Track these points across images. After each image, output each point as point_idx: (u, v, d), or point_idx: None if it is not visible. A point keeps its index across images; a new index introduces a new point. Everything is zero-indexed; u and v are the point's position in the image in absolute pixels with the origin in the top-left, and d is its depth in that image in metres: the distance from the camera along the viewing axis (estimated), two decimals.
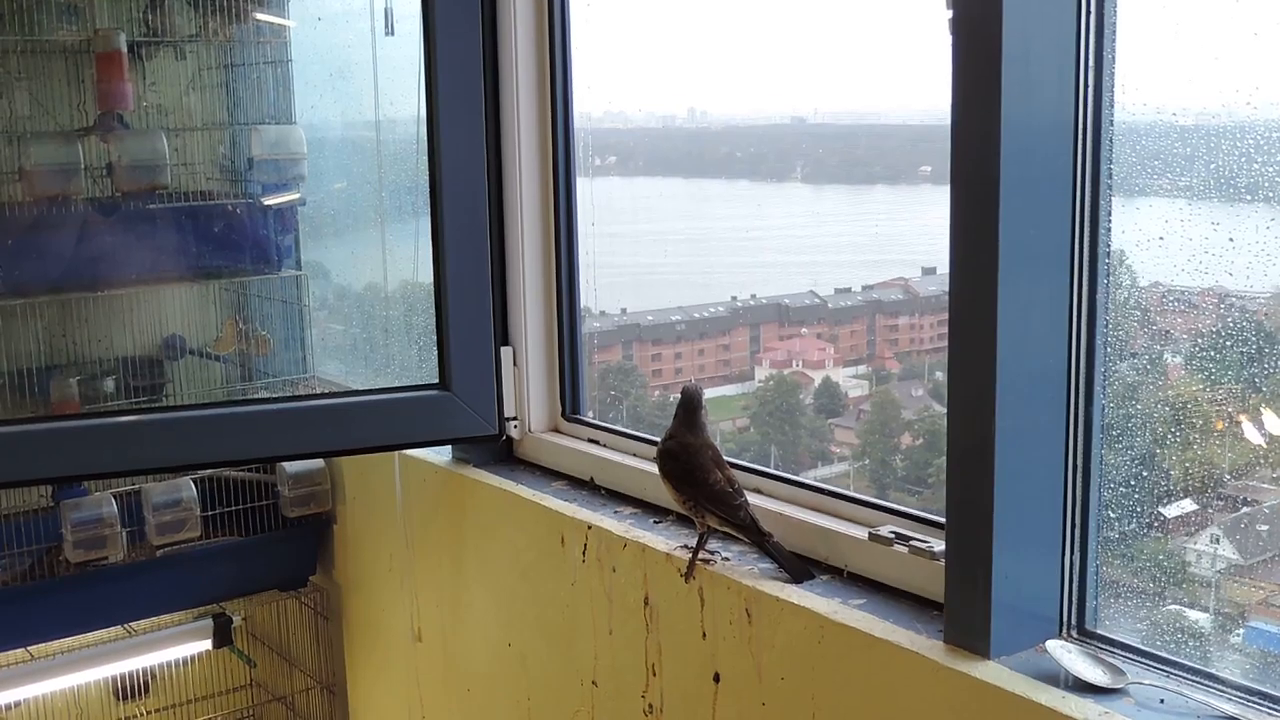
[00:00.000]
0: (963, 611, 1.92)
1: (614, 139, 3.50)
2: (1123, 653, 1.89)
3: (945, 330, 1.92)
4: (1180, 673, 1.83)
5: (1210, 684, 1.80)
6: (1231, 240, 1.85)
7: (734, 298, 4.00)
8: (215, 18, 3.42)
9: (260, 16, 3.50)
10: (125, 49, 3.31)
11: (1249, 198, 1.84)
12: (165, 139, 3.35)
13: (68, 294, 3.39)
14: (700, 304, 4.00)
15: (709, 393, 3.97)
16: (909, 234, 3.72)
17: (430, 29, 2.62)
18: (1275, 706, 1.73)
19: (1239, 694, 1.77)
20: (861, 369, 3.79)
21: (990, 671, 1.85)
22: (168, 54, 3.54)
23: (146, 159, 3.31)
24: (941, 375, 3.52)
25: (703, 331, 3.99)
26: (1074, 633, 1.95)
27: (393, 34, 2.88)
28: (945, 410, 1.85)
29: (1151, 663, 1.86)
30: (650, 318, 3.95)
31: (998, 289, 1.81)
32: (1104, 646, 1.91)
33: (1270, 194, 1.80)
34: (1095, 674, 1.81)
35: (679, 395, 2.42)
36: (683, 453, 2.35)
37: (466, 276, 2.72)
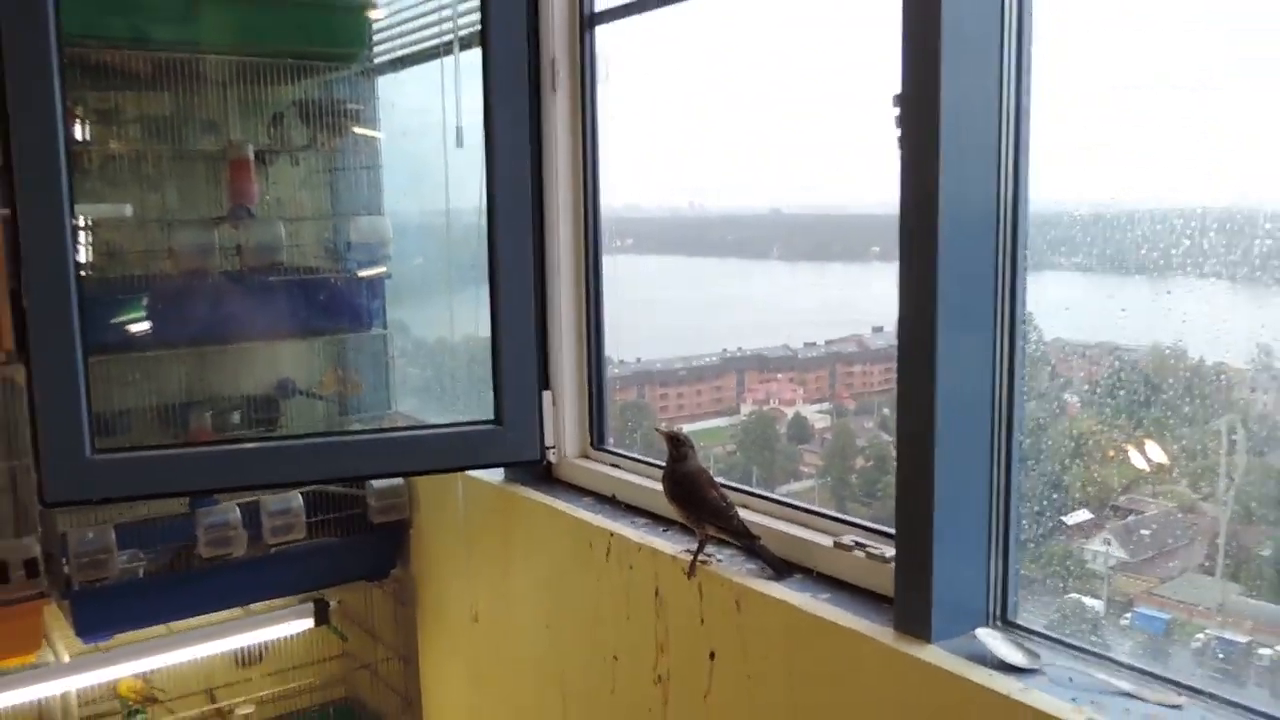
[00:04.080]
0: (909, 605, 1.87)
1: (630, 225, 3.48)
2: (1039, 639, 1.84)
3: (892, 376, 1.88)
4: (1086, 655, 1.78)
5: (1110, 664, 1.75)
6: (1124, 310, 1.82)
7: (724, 349, 3.97)
8: (323, 132, 3.43)
9: (358, 131, 3.51)
10: (252, 156, 3.31)
11: (1136, 275, 1.81)
12: (283, 227, 3.35)
13: (204, 347, 3.38)
14: (698, 354, 3.97)
15: (704, 424, 3.96)
16: (862, 300, 3.69)
17: (491, 141, 2.63)
18: (1160, 683, 1.69)
19: (1133, 673, 1.72)
20: (824, 406, 3.75)
21: (931, 654, 1.80)
22: (285, 160, 3.55)
23: (268, 242, 3.31)
24: (888, 411, 3.48)
25: (700, 376, 3.96)
26: (999, 622, 1.89)
27: (462, 146, 2.86)
28: (892, 439, 1.80)
29: (1062, 648, 1.81)
30: (659, 365, 3.93)
31: (936, 342, 1.77)
32: (1023, 633, 1.86)
33: (1154, 272, 1.77)
34: (1016, 657, 1.76)
35: (666, 439, 2.34)
36: (685, 480, 2.31)
37: (516, 334, 2.70)
